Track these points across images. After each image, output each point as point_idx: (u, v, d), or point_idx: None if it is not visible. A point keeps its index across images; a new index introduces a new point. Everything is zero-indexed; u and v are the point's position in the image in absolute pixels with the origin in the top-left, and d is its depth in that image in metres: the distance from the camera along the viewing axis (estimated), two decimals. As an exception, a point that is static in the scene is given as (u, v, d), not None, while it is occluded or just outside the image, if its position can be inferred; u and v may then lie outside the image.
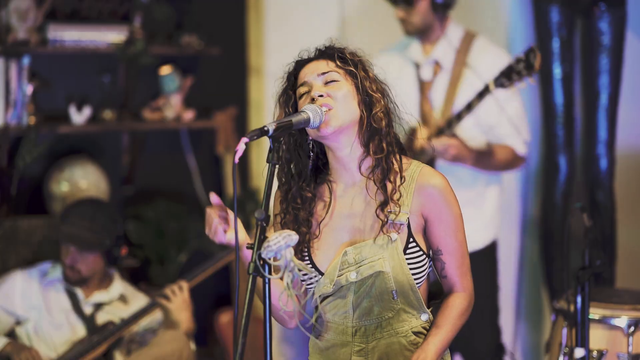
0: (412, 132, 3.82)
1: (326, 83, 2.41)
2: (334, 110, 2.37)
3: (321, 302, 2.46)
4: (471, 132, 3.84)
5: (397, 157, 2.44)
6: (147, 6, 4.52)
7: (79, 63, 4.55)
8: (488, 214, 3.94)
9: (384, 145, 2.41)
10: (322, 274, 2.42)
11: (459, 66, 3.86)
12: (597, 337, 3.17)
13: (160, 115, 4.60)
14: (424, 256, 2.42)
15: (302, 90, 2.43)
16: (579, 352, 3.07)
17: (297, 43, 2.56)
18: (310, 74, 2.42)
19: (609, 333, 3.19)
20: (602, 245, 4.28)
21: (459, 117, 3.70)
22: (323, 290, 2.42)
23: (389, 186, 2.41)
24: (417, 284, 2.41)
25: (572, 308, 3.11)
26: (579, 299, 3.06)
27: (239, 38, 4.88)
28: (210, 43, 4.69)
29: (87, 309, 3.74)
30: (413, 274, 2.39)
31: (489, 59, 3.80)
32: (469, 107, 3.67)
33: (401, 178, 2.41)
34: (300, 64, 2.46)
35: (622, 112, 4.38)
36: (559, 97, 4.39)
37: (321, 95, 2.38)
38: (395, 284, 2.39)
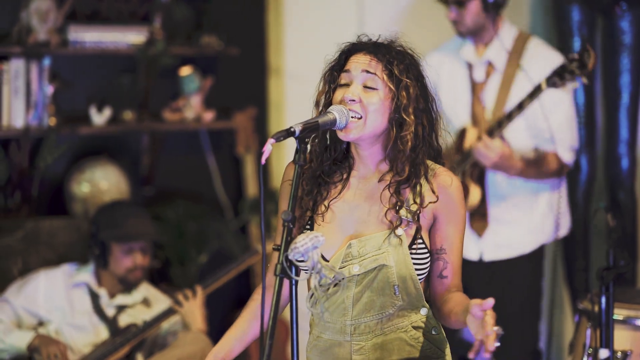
0: (462, 133, 3.79)
1: (365, 86, 2.38)
2: (360, 120, 2.35)
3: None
4: (522, 134, 3.79)
5: (424, 167, 2.41)
6: (166, 7, 4.53)
7: (99, 64, 4.56)
8: (537, 219, 3.89)
9: (407, 167, 2.38)
10: (326, 260, 2.39)
11: (511, 67, 3.81)
12: (622, 338, 3.16)
13: (180, 116, 4.61)
14: (428, 254, 2.41)
15: (343, 78, 2.40)
16: (604, 353, 3.06)
17: (316, 43, 2.55)
18: (357, 66, 2.38)
19: (633, 334, 3.17)
20: (625, 245, 4.25)
21: (509, 116, 3.63)
22: (324, 282, 2.39)
23: (406, 191, 2.39)
24: (419, 280, 2.39)
25: (596, 309, 3.10)
26: (603, 300, 3.05)
27: (259, 38, 4.88)
28: (229, 43, 4.69)
29: (110, 311, 3.74)
30: (416, 270, 2.37)
31: (542, 62, 3.73)
32: (520, 107, 3.60)
33: (420, 194, 2.40)
34: (356, 47, 2.42)
35: (643, 111, 4.36)
36: (579, 97, 4.37)
37: (353, 100, 2.36)
38: (397, 278, 2.37)
